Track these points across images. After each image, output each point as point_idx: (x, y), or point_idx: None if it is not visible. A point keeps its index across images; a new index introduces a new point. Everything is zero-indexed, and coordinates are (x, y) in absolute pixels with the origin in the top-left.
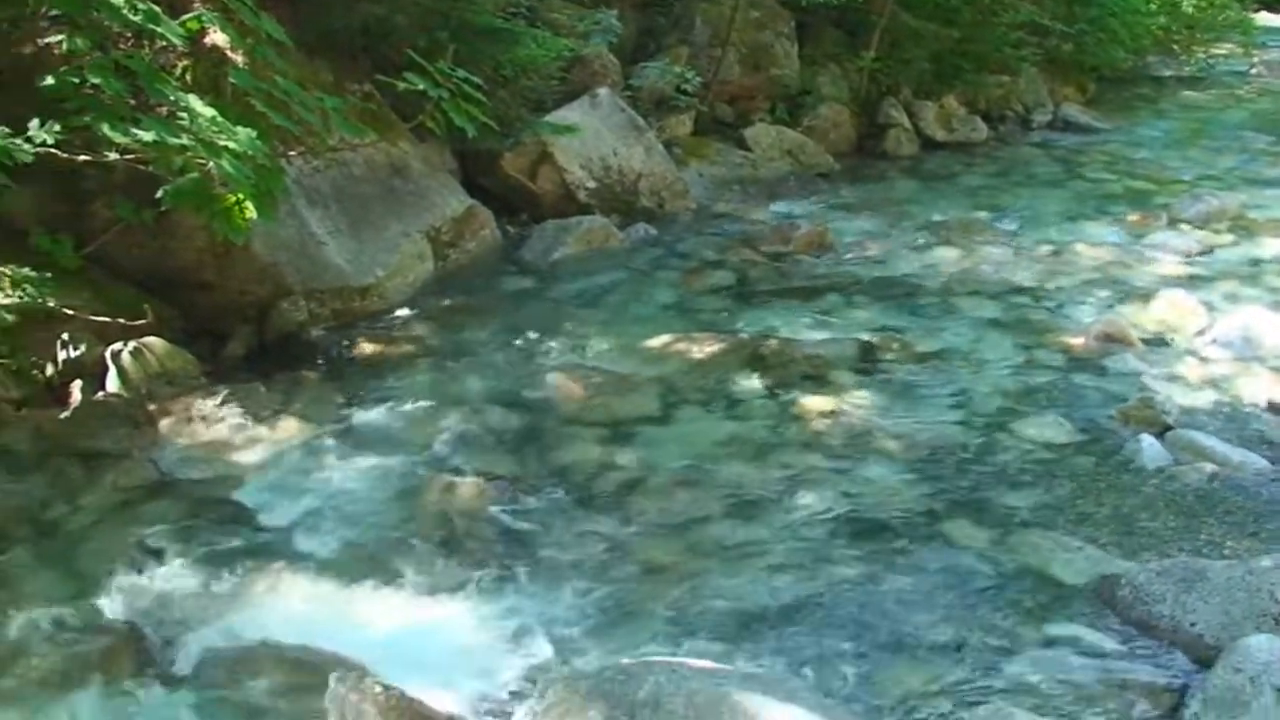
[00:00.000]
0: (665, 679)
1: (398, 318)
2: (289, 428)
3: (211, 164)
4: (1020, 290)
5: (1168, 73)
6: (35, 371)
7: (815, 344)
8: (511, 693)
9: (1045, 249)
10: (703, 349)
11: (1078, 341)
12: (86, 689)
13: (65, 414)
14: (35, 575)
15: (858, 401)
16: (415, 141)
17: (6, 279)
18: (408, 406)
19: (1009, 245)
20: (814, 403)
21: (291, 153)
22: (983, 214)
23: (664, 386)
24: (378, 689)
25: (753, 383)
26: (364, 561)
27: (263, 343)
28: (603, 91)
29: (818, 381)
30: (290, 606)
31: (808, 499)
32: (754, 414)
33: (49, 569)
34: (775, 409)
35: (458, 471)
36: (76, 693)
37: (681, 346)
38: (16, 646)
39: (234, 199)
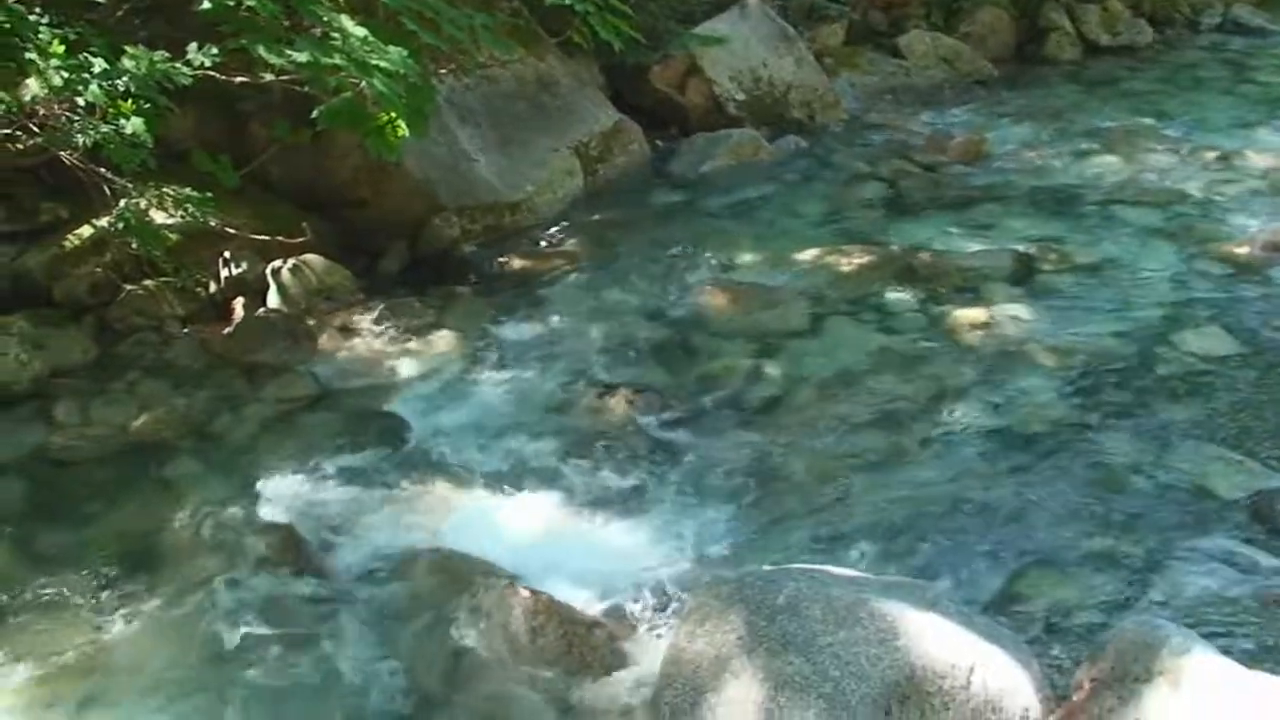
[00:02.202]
0: (805, 585)
1: (548, 233)
2: (442, 341)
3: (364, 83)
4: (1185, 198)
5: None
6: (199, 289)
7: (969, 255)
8: (655, 599)
9: (1212, 155)
10: (853, 261)
11: (1243, 251)
12: (248, 589)
13: (228, 329)
14: (202, 482)
15: (1012, 313)
16: (563, 57)
17: (170, 199)
18: (558, 320)
19: (1174, 152)
20: (967, 315)
21: (442, 70)
22: (1147, 120)
23: (813, 299)
24: (526, 593)
25: (904, 295)
26: (514, 471)
27: (416, 258)
28: (752, 2)
29: (971, 293)
30: (442, 514)
31: (958, 411)
32: (904, 327)
33: (214, 476)
34: (926, 321)
35: (607, 383)
36: (239, 592)
37: (831, 259)
38: (184, 548)
39: (386, 117)
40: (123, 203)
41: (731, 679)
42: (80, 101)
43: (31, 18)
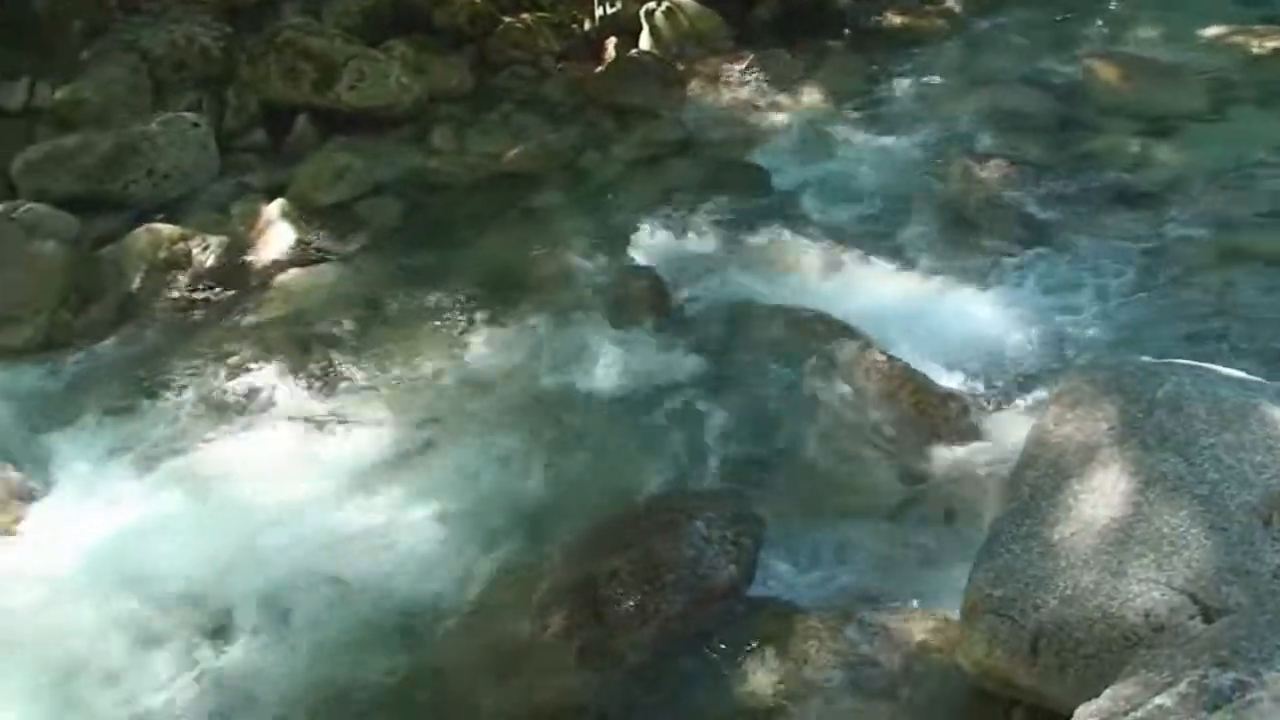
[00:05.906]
0: (1189, 381)
1: None
2: (811, 96)
3: None
4: None
5: None
6: (574, 26)
7: None
8: (1014, 379)
9: None
10: (1265, 44)
11: None
12: (606, 325)
13: (600, 68)
14: (569, 216)
15: None
16: None
17: None
18: (933, 82)
19: None
20: None
21: None
22: None
23: (1215, 81)
24: (881, 357)
25: None
26: (877, 235)
27: (789, 9)
28: None
29: None
30: (800, 270)
31: None
32: None
33: (580, 212)
34: None
35: (981, 153)
36: (596, 327)
37: (1239, 39)
38: (546, 278)
39: None
40: None
41: (1099, 468)
42: None
43: None
